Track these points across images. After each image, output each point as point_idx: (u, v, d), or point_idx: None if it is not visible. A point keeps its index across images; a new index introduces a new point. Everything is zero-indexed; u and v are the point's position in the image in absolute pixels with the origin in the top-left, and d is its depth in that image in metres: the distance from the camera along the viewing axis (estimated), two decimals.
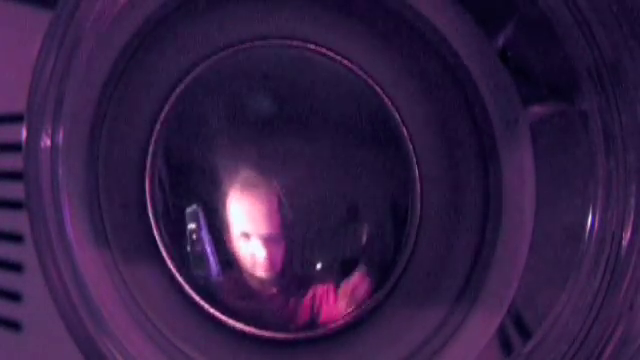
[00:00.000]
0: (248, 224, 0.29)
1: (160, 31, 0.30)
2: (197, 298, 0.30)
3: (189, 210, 0.30)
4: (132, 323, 0.31)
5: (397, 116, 0.28)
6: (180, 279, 0.30)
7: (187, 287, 0.30)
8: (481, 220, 0.27)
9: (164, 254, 0.30)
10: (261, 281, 0.29)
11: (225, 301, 0.30)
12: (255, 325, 0.29)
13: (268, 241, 0.29)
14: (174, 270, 0.30)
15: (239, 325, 0.30)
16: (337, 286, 0.29)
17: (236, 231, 0.29)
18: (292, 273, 0.29)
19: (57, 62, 0.31)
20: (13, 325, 0.42)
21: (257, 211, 0.29)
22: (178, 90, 0.30)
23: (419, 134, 0.28)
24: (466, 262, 0.27)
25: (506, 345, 0.27)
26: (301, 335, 0.29)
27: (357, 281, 0.29)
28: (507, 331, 0.27)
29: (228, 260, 0.30)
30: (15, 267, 0.42)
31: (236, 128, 0.29)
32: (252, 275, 0.29)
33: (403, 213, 0.28)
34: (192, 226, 0.30)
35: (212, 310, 0.30)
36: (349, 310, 0.29)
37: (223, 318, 0.30)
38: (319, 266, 0.29)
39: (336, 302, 0.29)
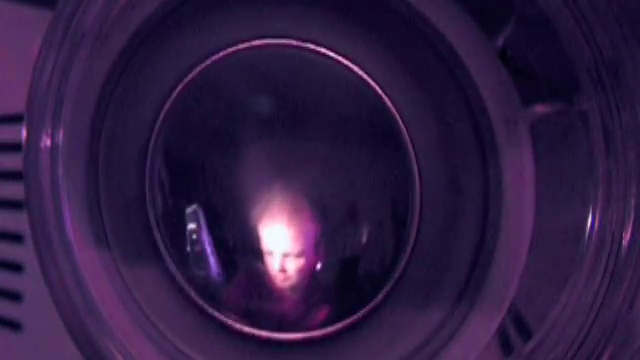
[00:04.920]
0: (248, 224, 0.29)
1: (160, 31, 0.30)
2: (197, 298, 0.30)
3: (189, 210, 0.30)
4: (132, 323, 0.31)
5: (397, 116, 0.28)
6: (180, 279, 0.30)
7: (187, 287, 0.30)
8: (481, 220, 0.27)
9: (164, 254, 0.30)
10: (261, 281, 0.29)
11: (225, 301, 0.30)
12: (255, 325, 0.29)
13: (268, 241, 0.29)
14: (174, 270, 0.30)
15: (239, 325, 0.30)
16: (337, 286, 0.29)
17: (236, 231, 0.29)
18: (292, 273, 0.29)
19: (57, 62, 0.31)
20: (13, 325, 0.42)
21: (256, 211, 0.29)
22: (178, 90, 0.30)
23: (419, 134, 0.28)
24: (466, 262, 0.27)
25: (506, 345, 0.27)
26: (301, 335, 0.29)
27: (357, 281, 0.29)
28: (507, 331, 0.27)
29: (228, 260, 0.30)
30: (15, 267, 0.42)
31: (236, 128, 0.29)
32: (252, 275, 0.29)
33: (403, 213, 0.28)
34: (192, 226, 0.30)
35: (212, 310, 0.30)
36: (349, 311, 0.29)
37: (223, 318, 0.30)
38: (319, 266, 0.29)
39: (336, 302, 0.29)
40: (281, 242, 0.29)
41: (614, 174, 0.26)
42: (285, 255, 0.29)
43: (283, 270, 0.29)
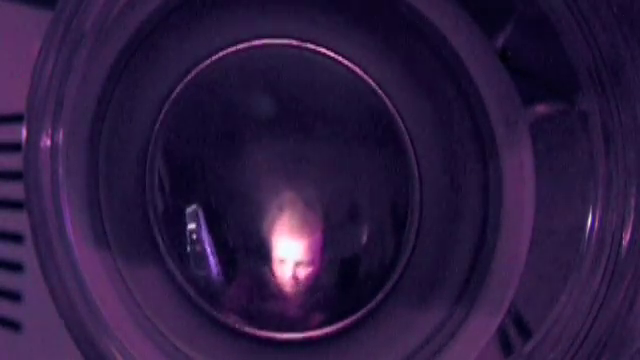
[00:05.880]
0: (247, 224, 0.29)
1: (160, 31, 0.30)
2: (197, 298, 0.30)
3: (189, 210, 0.30)
4: (132, 323, 0.31)
5: (397, 116, 0.28)
6: (180, 279, 0.30)
7: (187, 287, 0.30)
8: (481, 220, 0.27)
9: (164, 254, 0.30)
10: (261, 281, 0.29)
11: (225, 301, 0.30)
12: (255, 325, 0.29)
13: (268, 241, 0.29)
14: (174, 270, 0.30)
15: (239, 325, 0.30)
16: (337, 286, 0.29)
17: (235, 231, 0.29)
18: (292, 273, 0.29)
19: (57, 62, 0.31)
20: (13, 325, 0.42)
21: (256, 211, 0.29)
22: (178, 90, 0.30)
23: (419, 134, 0.28)
24: (466, 262, 0.27)
25: (506, 345, 0.27)
26: (301, 335, 0.29)
27: (357, 281, 0.29)
28: (507, 331, 0.27)
29: (228, 260, 0.30)
30: (15, 267, 0.42)
31: (235, 128, 0.29)
32: (252, 275, 0.29)
33: (403, 213, 0.28)
34: (192, 226, 0.30)
35: (212, 310, 0.30)
36: (349, 311, 0.29)
37: (223, 318, 0.30)
38: (319, 266, 0.29)
39: (336, 302, 0.29)
40: (281, 242, 0.29)
41: (614, 174, 0.26)
42: (285, 255, 0.29)
43: (283, 270, 0.29)
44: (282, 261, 0.29)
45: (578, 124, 0.26)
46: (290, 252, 0.29)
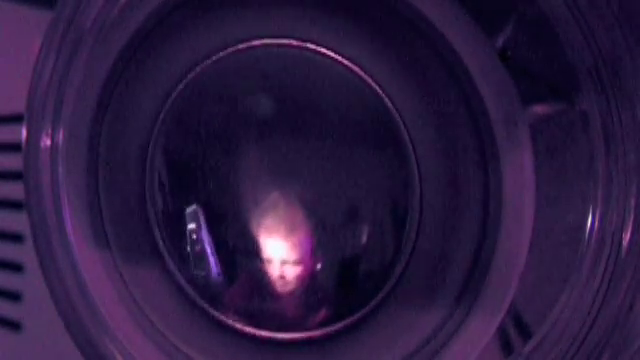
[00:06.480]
0: (247, 224, 0.29)
1: (160, 31, 0.30)
2: (197, 298, 0.30)
3: (189, 210, 0.30)
4: (132, 323, 0.31)
5: (397, 116, 0.28)
6: (180, 279, 0.30)
7: (187, 287, 0.30)
8: (481, 220, 0.27)
9: (164, 254, 0.30)
10: (261, 281, 0.29)
11: (225, 301, 0.30)
12: (255, 325, 0.29)
13: (267, 241, 0.29)
14: (174, 270, 0.30)
15: (239, 325, 0.30)
16: (337, 286, 0.29)
17: (236, 231, 0.29)
18: (292, 273, 0.29)
19: (57, 62, 0.31)
20: (13, 325, 0.42)
21: (257, 211, 0.29)
22: (178, 90, 0.30)
23: (419, 134, 0.28)
24: (466, 262, 0.27)
25: (506, 345, 0.27)
26: (301, 335, 0.29)
27: (357, 281, 0.29)
28: (507, 331, 0.27)
29: (228, 260, 0.30)
30: (15, 267, 0.42)
31: (236, 128, 0.29)
32: (252, 275, 0.29)
33: (403, 213, 0.28)
34: (192, 226, 0.30)
35: (212, 310, 0.30)
36: (349, 310, 0.29)
37: (223, 318, 0.30)
38: (319, 266, 0.29)
39: (336, 302, 0.29)
40: (281, 242, 0.29)
41: (614, 174, 0.26)
42: (285, 255, 0.29)
43: (283, 270, 0.29)
44: (282, 261, 0.29)
45: (578, 124, 0.26)
46: (290, 252, 0.29)
